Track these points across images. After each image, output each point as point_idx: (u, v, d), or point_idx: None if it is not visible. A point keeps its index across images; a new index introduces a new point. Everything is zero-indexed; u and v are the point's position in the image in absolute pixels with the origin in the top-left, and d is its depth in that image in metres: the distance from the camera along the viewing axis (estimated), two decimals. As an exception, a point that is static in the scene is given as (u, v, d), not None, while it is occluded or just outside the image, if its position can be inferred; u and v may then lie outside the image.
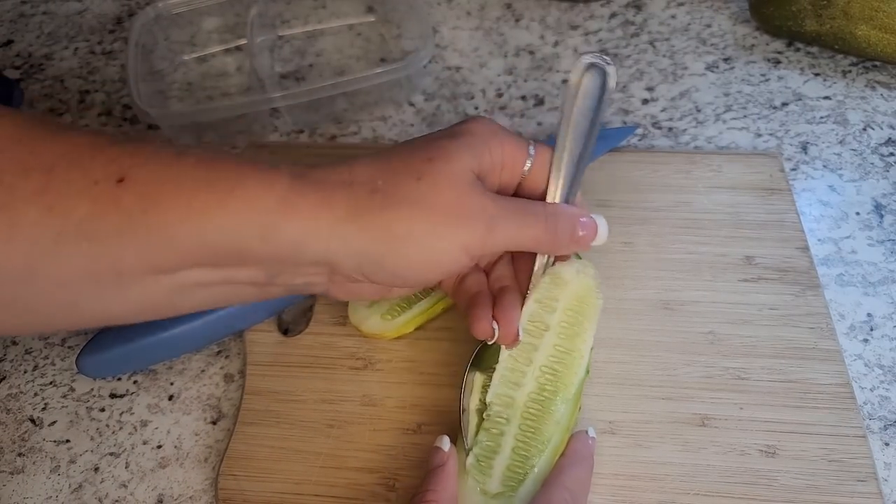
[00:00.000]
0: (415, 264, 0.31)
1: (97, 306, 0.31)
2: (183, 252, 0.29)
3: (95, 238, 0.28)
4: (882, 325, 0.43)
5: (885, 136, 0.52)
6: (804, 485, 0.37)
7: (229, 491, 0.38)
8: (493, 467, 0.35)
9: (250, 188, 0.29)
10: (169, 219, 0.29)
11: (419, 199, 0.30)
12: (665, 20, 0.62)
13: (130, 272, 0.29)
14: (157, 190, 0.29)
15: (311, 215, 0.30)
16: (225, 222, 0.29)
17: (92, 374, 0.42)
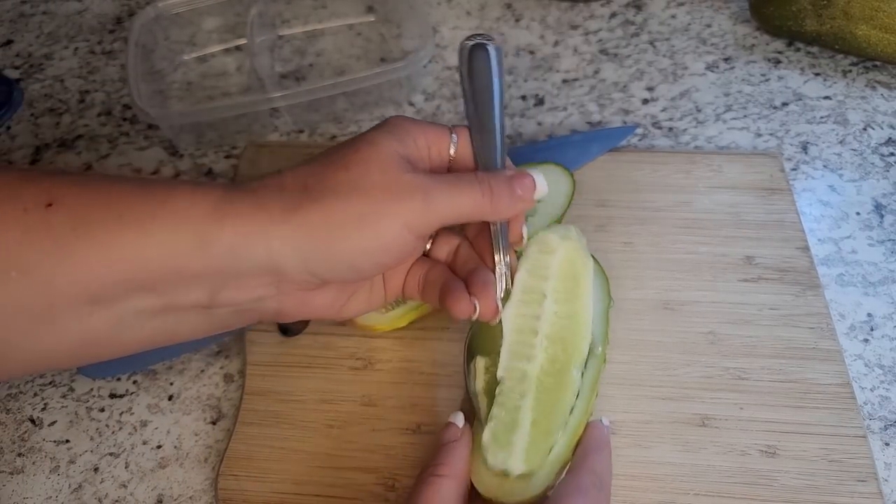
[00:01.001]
0: (360, 250, 0.31)
1: (31, 345, 0.29)
2: (117, 274, 0.28)
3: (25, 267, 0.27)
4: (882, 325, 0.43)
5: (886, 136, 0.52)
6: (804, 485, 0.37)
7: (229, 491, 0.38)
8: (513, 443, 0.33)
9: (183, 199, 0.29)
10: (99, 236, 0.28)
11: (351, 187, 0.30)
12: (665, 20, 0.62)
13: (64, 302, 0.28)
14: (87, 209, 0.28)
15: (245, 220, 0.29)
16: (158, 234, 0.28)
17: (92, 374, 0.42)
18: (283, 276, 0.31)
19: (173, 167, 0.54)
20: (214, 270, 0.30)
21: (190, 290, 0.30)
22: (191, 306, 0.31)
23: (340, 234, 0.30)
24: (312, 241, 0.30)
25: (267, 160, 0.52)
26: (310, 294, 0.34)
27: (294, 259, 0.30)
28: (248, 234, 0.29)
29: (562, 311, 0.36)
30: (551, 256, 0.36)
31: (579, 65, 0.59)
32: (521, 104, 0.56)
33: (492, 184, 0.33)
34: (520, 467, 0.33)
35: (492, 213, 0.33)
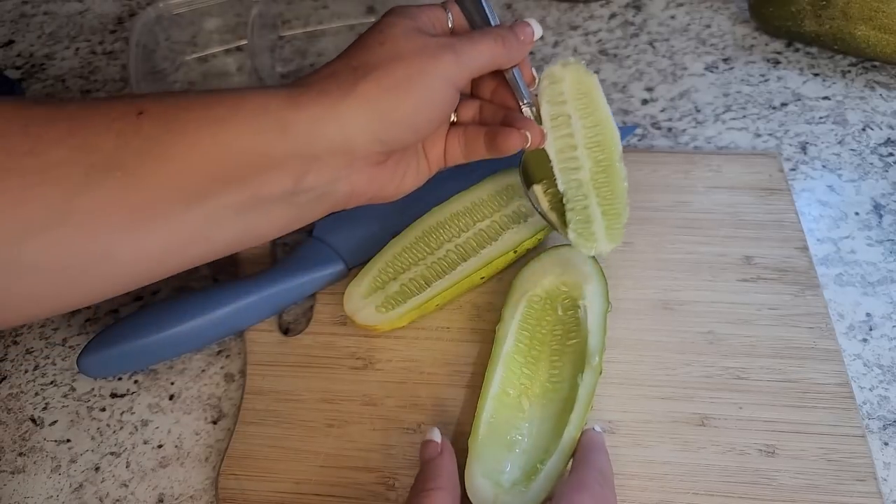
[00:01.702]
0: (414, 108, 0.35)
1: (134, 246, 0.31)
2: (209, 168, 0.31)
3: (125, 166, 0.30)
4: (881, 324, 0.43)
5: (885, 136, 0.53)
6: (803, 484, 0.37)
7: (230, 490, 0.38)
8: (595, 232, 0.40)
9: (257, 97, 0.32)
10: (190, 135, 0.31)
11: (391, 57, 0.34)
12: (664, 21, 0.62)
13: (163, 199, 0.31)
14: (174, 113, 0.31)
15: (315, 104, 0.33)
16: (242, 127, 0.32)
17: (93, 374, 0.42)
18: (355, 151, 0.34)
19: (174, 167, 0.54)
20: (295, 153, 0.33)
21: (276, 177, 0.33)
22: (277, 196, 0.34)
23: (395, 98, 0.34)
24: (374, 110, 0.34)
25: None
26: (376, 170, 0.37)
27: (362, 130, 0.34)
28: (320, 116, 0.33)
29: (587, 122, 0.40)
30: (562, 84, 0.40)
31: (579, 65, 0.59)
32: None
33: (501, 33, 0.37)
34: (606, 248, 0.40)
35: (506, 57, 0.38)
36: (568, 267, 0.42)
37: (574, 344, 0.40)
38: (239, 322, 0.43)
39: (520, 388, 0.39)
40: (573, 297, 0.41)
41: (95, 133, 0.30)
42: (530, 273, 0.42)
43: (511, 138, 0.38)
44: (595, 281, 0.41)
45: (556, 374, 0.39)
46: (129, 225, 0.31)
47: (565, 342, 0.40)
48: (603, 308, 0.40)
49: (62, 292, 0.32)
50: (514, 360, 0.40)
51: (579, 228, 0.40)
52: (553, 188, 0.41)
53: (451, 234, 0.44)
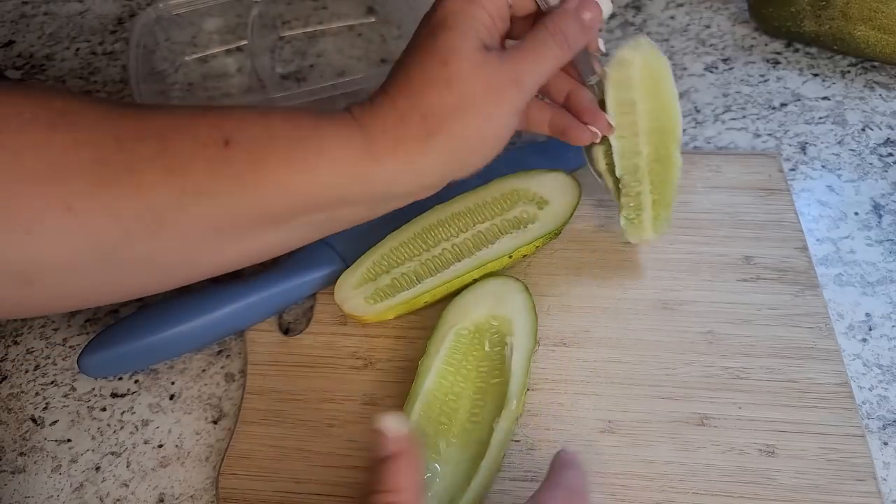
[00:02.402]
0: (485, 148, 0.36)
1: (217, 257, 0.35)
2: (292, 202, 0.34)
3: (214, 195, 0.32)
4: (881, 324, 0.43)
5: (884, 137, 0.53)
6: (803, 484, 0.37)
7: (230, 490, 0.38)
8: (643, 221, 0.42)
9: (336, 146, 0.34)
10: (274, 174, 0.33)
11: (459, 104, 0.34)
12: (664, 21, 0.62)
13: (247, 223, 0.34)
14: (260, 149, 0.33)
15: (391, 159, 0.34)
16: (323, 175, 0.33)
17: (93, 374, 0.42)
18: (431, 189, 0.37)
19: (174, 167, 0.54)
20: (373, 197, 0.36)
21: (354, 209, 0.36)
22: (352, 220, 0.37)
23: (469, 147, 0.35)
24: (449, 161, 0.35)
25: (267, 160, 0.52)
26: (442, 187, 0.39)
27: (437, 176, 0.36)
28: (398, 170, 0.34)
29: (652, 107, 0.41)
30: (630, 68, 0.40)
31: (579, 65, 0.59)
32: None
33: (564, 30, 0.36)
34: (653, 238, 0.42)
35: (573, 54, 0.37)
36: (500, 300, 0.41)
37: (497, 384, 0.39)
38: (239, 322, 0.43)
39: (438, 427, 0.38)
40: (501, 332, 0.40)
41: (186, 159, 0.31)
42: (461, 304, 0.41)
43: (580, 135, 0.40)
44: (524, 317, 0.40)
45: (476, 413, 0.38)
46: (215, 240, 0.34)
47: (489, 380, 0.39)
48: (529, 346, 0.40)
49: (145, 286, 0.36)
50: (435, 398, 0.39)
51: (631, 215, 0.41)
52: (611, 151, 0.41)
53: (449, 234, 0.44)
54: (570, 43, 0.36)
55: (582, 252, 0.46)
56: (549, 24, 0.36)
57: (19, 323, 0.46)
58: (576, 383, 0.41)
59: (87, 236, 0.30)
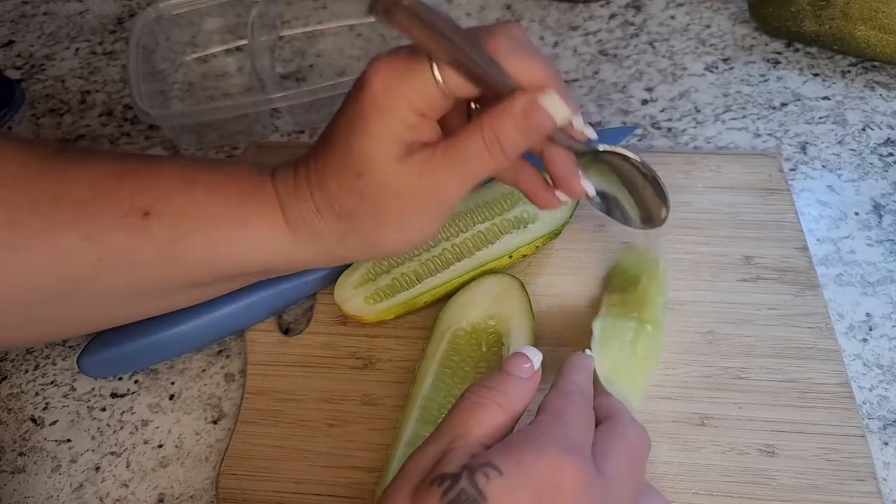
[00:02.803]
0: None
1: (138, 312, 0.37)
2: (216, 270, 0.35)
3: (135, 265, 0.32)
4: (881, 324, 0.43)
5: (884, 137, 0.53)
6: (803, 484, 0.37)
7: (230, 490, 0.38)
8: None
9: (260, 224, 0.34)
10: (197, 248, 0.33)
11: (373, 216, 0.33)
12: (664, 21, 0.62)
13: (172, 288, 0.35)
14: (183, 224, 0.33)
15: (309, 247, 0.35)
16: (245, 253, 0.35)
17: (93, 374, 0.42)
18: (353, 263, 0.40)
19: (174, 167, 0.54)
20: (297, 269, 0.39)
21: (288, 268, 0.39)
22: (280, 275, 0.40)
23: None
24: (367, 254, 0.37)
25: (267, 160, 0.51)
26: None
27: (357, 257, 0.39)
28: (316, 256, 0.36)
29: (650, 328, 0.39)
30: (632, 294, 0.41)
31: (579, 65, 0.59)
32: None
33: (501, 135, 0.30)
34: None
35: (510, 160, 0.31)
36: (496, 299, 0.41)
37: None
38: (239, 322, 0.43)
39: None
40: (499, 332, 0.40)
41: (105, 227, 0.31)
42: (458, 304, 0.41)
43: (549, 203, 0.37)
44: (522, 316, 0.40)
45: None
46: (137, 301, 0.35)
47: None
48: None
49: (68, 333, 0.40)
50: (432, 402, 0.39)
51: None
52: None
53: (448, 234, 0.44)
54: (506, 149, 0.30)
55: (582, 252, 0.46)
56: (485, 126, 0.30)
57: (19, 323, 0.46)
58: (576, 383, 0.41)
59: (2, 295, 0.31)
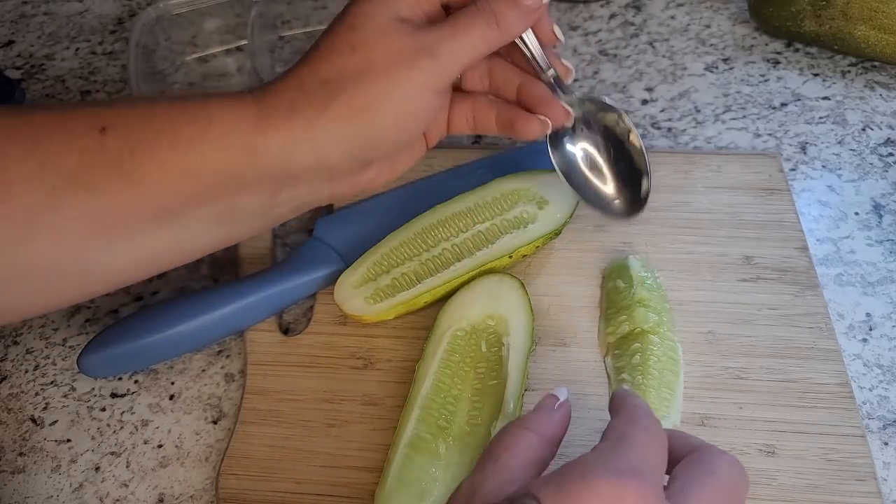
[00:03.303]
0: (393, 123, 0.32)
1: (108, 262, 0.31)
2: (179, 188, 0.30)
3: (91, 186, 0.29)
4: (881, 324, 0.43)
5: (884, 137, 0.53)
6: (803, 484, 0.37)
7: (230, 490, 0.38)
8: None
9: (226, 118, 0.31)
10: (157, 156, 0.30)
11: (364, 68, 0.31)
12: (664, 21, 0.62)
13: (135, 219, 0.30)
14: (140, 132, 0.30)
15: (285, 127, 0.31)
16: (211, 151, 0.30)
17: (93, 374, 0.42)
18: (332, 169, 0.33)
19: (174, 167, 0.54)
20: (269, 176, 0.32)
21: (251, 195, 0.32)
22: (253, 210, 0.33)
23: (369, 117, 0.32)
24: (350, 130, 0.32)
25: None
26: (358, 176, 0.35)
27: (338, 150, 0.32)
28: (292, 140, 0.31)
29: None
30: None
31: (579, 65, 0.59)
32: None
33: (495, 9, 0.32)
34: None
35: (504, 37, 0.33)
36: (496, 298, 0.41)
37: (494, 385, 0.39)
38: (239, 322, 0.43)
39: (437, 431, 0.37)
40: (498, 332, 0.40)
41: (59, 151, 0.29)
42: (458, 304, 0.41)
43: (529, 127, 0.35)
44: (521, 315, 0.40)
45: (475, 416, 0.38)
46: (99, 241, 0.30)
47: (487, 382, 0.39)
48: (526, 347, 0.40)
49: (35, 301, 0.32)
50: (433, 402, 0.38)
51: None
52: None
53: (449, 234, 0.44)
54: (500, 23, 0.32)
55: (582, 252, 0.46)
56: (484, 4, 0.32)
57: (19, 323, 0.46)
58: (576, 383, 0.41)
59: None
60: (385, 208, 0.48)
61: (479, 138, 0.54)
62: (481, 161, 0.51)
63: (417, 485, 0.36)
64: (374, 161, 0.35)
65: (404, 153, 0.37)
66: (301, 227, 0.50)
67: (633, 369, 0.39)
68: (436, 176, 0.50)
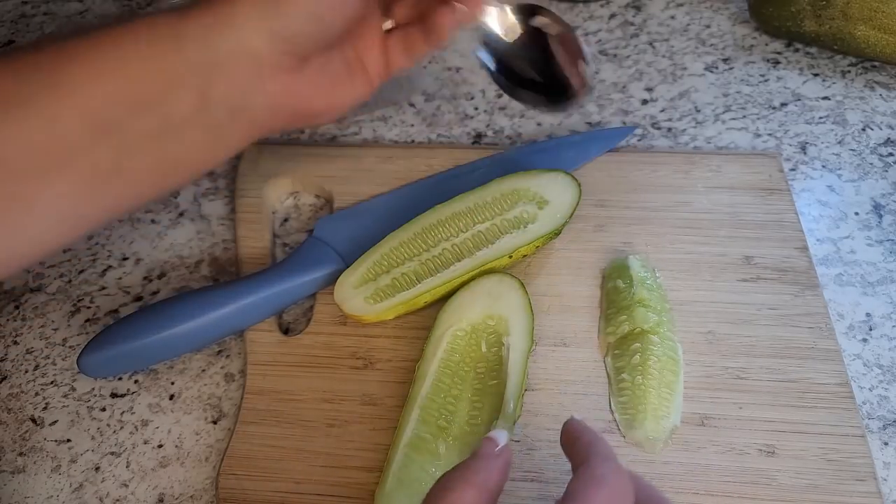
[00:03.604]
0: (305, 5, 0.33)
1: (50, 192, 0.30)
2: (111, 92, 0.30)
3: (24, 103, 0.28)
4: (881, 324, 0.43)
5: (884, 137, 0.53)
6: (803, 484, 0.37)
7: (230, 490, 0.38)
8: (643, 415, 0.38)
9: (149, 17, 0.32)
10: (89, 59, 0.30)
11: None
12: (664, 21, 0.62)
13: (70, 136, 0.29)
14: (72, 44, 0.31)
15: (206, 10, 0.32)
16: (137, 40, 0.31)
17: (93, 374, 0.42)
18: (257, 54, 0.33)
19: (174, 167, 0.54)
20: (193, 64, 0.32)
21: (181, 94, 0.32)
22: (186, 114, 0.32)
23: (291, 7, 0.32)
24: (266, 11, 0.32)
25: (268, 160, 0.52)
26: (292, 78, 0.34)
27: (258, 29, 0.32)
28: (212, 22, 0.32)
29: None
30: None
31: (579, 65, 0.59)
32: (521, 104, 0.56)
33: None
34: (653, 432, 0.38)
35: None
36: (496, 298, 0.41)
37: (494, 385, 0.39)
38: (239, 322, 0.43)
39: (437, 430, 0.38)
40: (498, 332, 0.40)
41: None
42: (457, 304, 0.41)
43: (443, 17, 0.36)
44: (521, 315, 0.40)
45: (475, 416, 0.38)
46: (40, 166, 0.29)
47: (487, 382, 0.39)
48: (526, 347, 0.40)
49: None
50: (433, 402, 0.38)
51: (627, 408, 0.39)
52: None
53: (449, 234, 0.44)
54: None
55: (582, 252, 0.46)
56: None
57: (19, 323, 0.46)
58: (576, 383, 0.41)
59: None
60: (385, 208, 0.48)
61: (479, 138, 0.54)
62: (481, 161, 0.51)
63: (417, 484, 0.36)
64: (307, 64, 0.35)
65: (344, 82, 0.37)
66: (301, 227, 0.50)
67: (633, 369, 0.39)
68: (436, 176, 0.50)
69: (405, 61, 0.39)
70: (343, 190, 0.50)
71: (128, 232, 0.50)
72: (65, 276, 0.48)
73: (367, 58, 0.38)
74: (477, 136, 0.54)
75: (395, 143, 0.54)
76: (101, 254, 0.49)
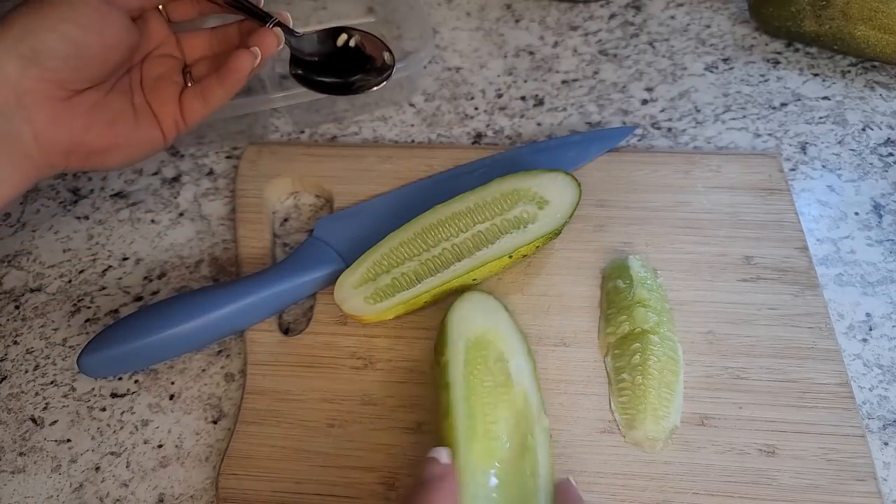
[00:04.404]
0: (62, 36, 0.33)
1: None
2: None
3: None
4: (881, 324, 0.43)
5: (884, 137, 0.53)
6: (803, 484, 0.37)
7: (230, 490, 0.38)
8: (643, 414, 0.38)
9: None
10: None
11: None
12: (664, 21, 0.62)
13: None
14: None
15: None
16: None
17: (93, 374, 0.42)
18: (11, 80, 0.32)
19: (174, 167, 0.54)
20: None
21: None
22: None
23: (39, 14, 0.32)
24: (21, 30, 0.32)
25: (268, 160, 0.52)
26: (60, 107, 0.34)
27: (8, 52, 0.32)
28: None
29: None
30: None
31: (579, 65, 0.59)
32: (521, 105, 0.56)
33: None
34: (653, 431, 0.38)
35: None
36: (488, 314, 0.40)
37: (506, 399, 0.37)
38: (239, 322, 0.43)
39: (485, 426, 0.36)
40: (499, 349, 0.38)
41: None
42: (461, 315, 0.39)
43: (239, 59, 0.36)
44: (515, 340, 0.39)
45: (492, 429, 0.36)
46: None
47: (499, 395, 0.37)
48: (530, 367, 0.38)
49: None
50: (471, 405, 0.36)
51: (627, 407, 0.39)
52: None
53: (449, 234, 0.44)
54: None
55: (582, 252, 0.46)
56: None
57: (19, 323, 0.46)
58: (576, 383, 0.41)
59: None
60: (385, 208, 0.48)
61: (479, 138, 0.54)
62: (481, 161, 0.51)
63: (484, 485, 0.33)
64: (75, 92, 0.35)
65: (125, 122, 0.37)
66: (301, 227, 0.50)
67: (633, 369, 0.39)
68: (436, 176, 0.50)
69: (203, 109, 0.39)
70: (343, 190, 0.50)
71: (128, 232, 0.50)
72: (65, 276, 0.48)
73: (162, 111, 0.38)
74: (477, 136, 0.54)
75: (395, 143, 0.54)
76: (102, 254, 0.49)
